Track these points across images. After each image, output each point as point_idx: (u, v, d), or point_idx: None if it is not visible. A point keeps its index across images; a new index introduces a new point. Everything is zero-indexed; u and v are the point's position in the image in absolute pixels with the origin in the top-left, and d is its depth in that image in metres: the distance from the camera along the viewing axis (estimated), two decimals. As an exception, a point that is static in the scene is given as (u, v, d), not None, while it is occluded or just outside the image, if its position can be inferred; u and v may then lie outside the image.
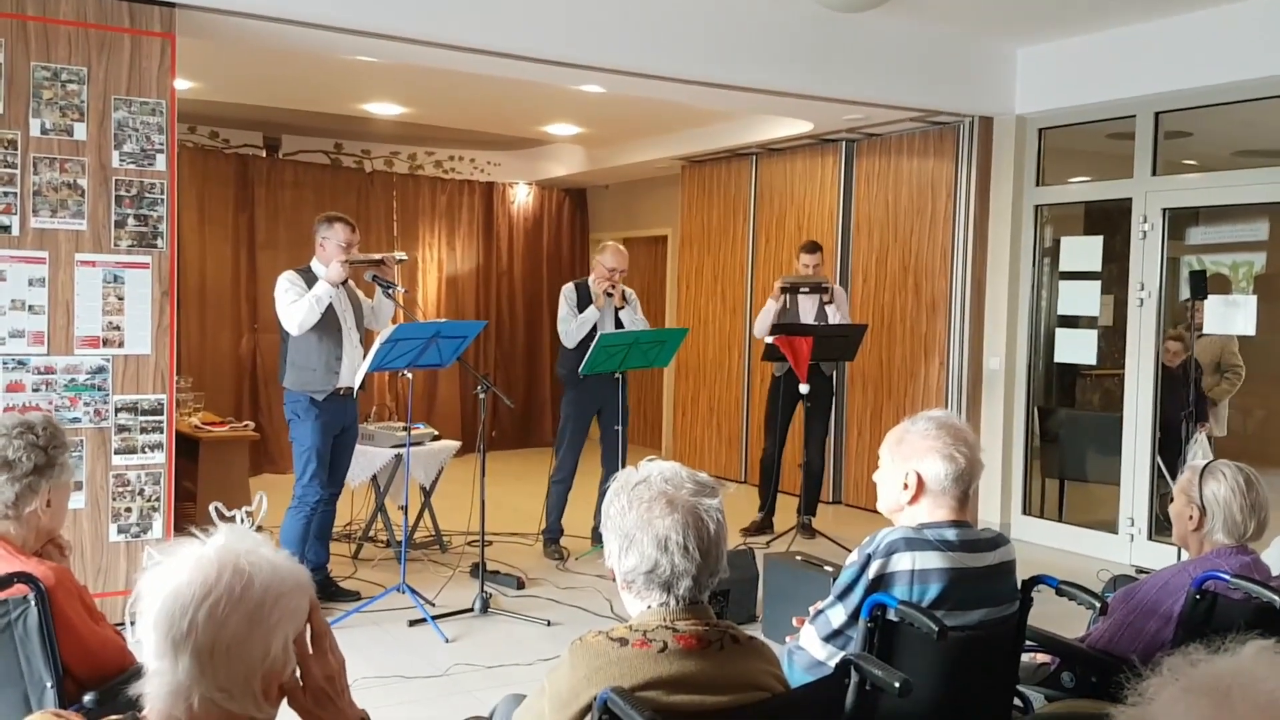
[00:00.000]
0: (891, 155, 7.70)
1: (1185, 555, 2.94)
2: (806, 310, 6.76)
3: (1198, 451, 6.06)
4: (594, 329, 6.07)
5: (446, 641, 4.75)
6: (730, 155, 8.89)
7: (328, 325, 5.10)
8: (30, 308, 4.56)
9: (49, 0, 4.53)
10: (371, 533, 6.32)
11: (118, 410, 4.73)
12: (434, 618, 4.91)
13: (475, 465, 5.35)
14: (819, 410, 6.83)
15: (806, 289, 6.72)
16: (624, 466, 2.34)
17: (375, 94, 7.73)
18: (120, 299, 4.72)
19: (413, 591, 5.07)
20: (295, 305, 5.01)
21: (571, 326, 6.15)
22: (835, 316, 6.72)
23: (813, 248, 6.81)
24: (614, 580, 1.84)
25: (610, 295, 6.12)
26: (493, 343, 10.47)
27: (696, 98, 6.63)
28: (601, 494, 5.92)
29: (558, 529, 6.26)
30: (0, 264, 4.51)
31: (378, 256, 5.34)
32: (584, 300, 6.19)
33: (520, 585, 5.58)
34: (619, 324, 6.15)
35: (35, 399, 4.55)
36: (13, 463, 2.34)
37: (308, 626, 1.49)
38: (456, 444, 6.65)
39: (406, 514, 5.53)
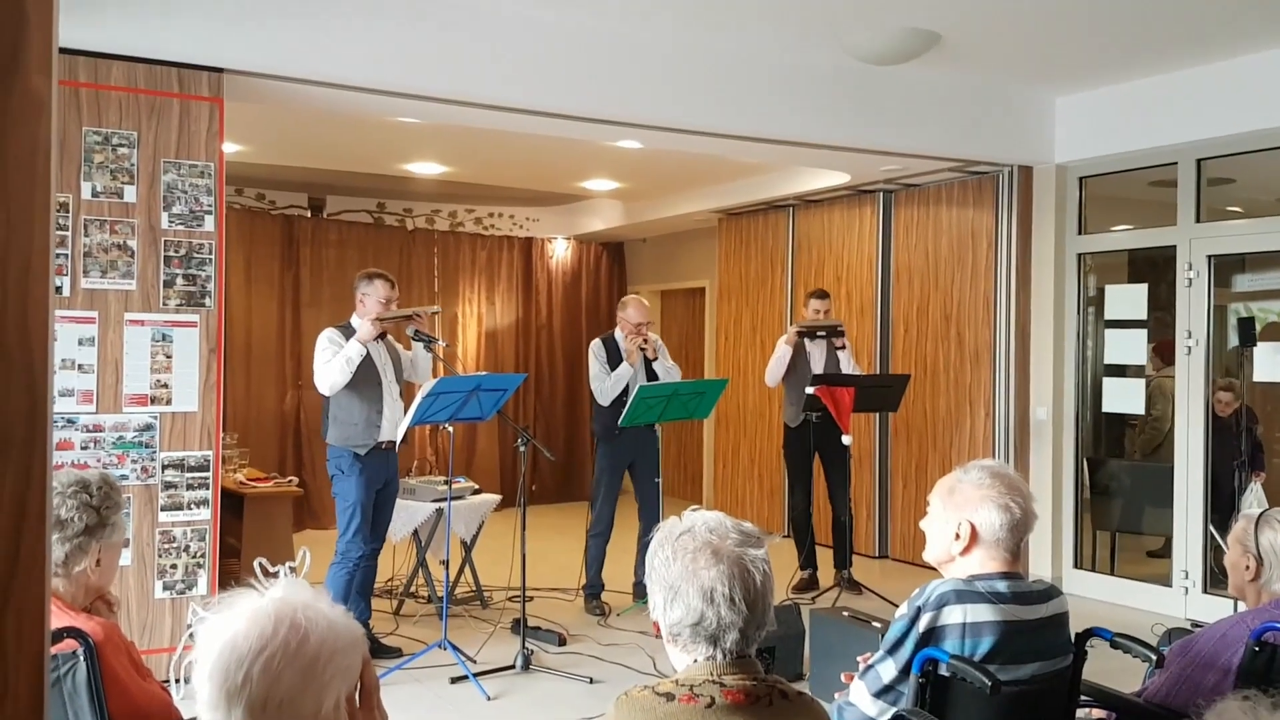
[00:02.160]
0: (930, 205, 7.70)
1: (1243, 606, 2.86)
2: (816, 358, 6.75)
3: (1253, 500, 5.92)
4: (626, 386, 6.08)
5: (489, 699, 4.71)
6: (767, 207, 8.92)
7: (368, 380, 5.16)
8: (80, 366, 4.64)
9: (100, 67, 4.67)
10: (413, 588, 6.31)
11: (164, 467, 4.78)
12: (476, 675, 4.87)
13: (516, 519, 5.34)
14: (838, 461, 6.74)
15: (822, 333, 6.71)
16: (662, 518, 2.32)
17: (417, 154, 7.86)
18: (168, 357, 4.80)
19: (454, 648, 5.05)
20: (327, 366, 5.08)
21: (606, 385, 6.14)
22: (849, 363, 6.69)
23: (821, 294, 6.87)
24: (658, 634, 1.82)
25: (643, 350, 6.12)
26: (532, 395, 10.51)
27: (733, 151, 6.68)
28: (642, 547, 5.90)
29: (598, 584, 6.21)
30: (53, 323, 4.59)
31: (409, 311, 5.38)
32: (612, 354, 6.18)
33: (562, 642, 5.53)
34: (652, 376, 6.14)
35: (84, 457, 4.61)
36: (65, 522, 2.36)
37: (358, 682, 1.48)
38: (497, 498, 6.65)
39: (448, 569, 5.52)
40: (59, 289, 4.60)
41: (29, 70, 0.78)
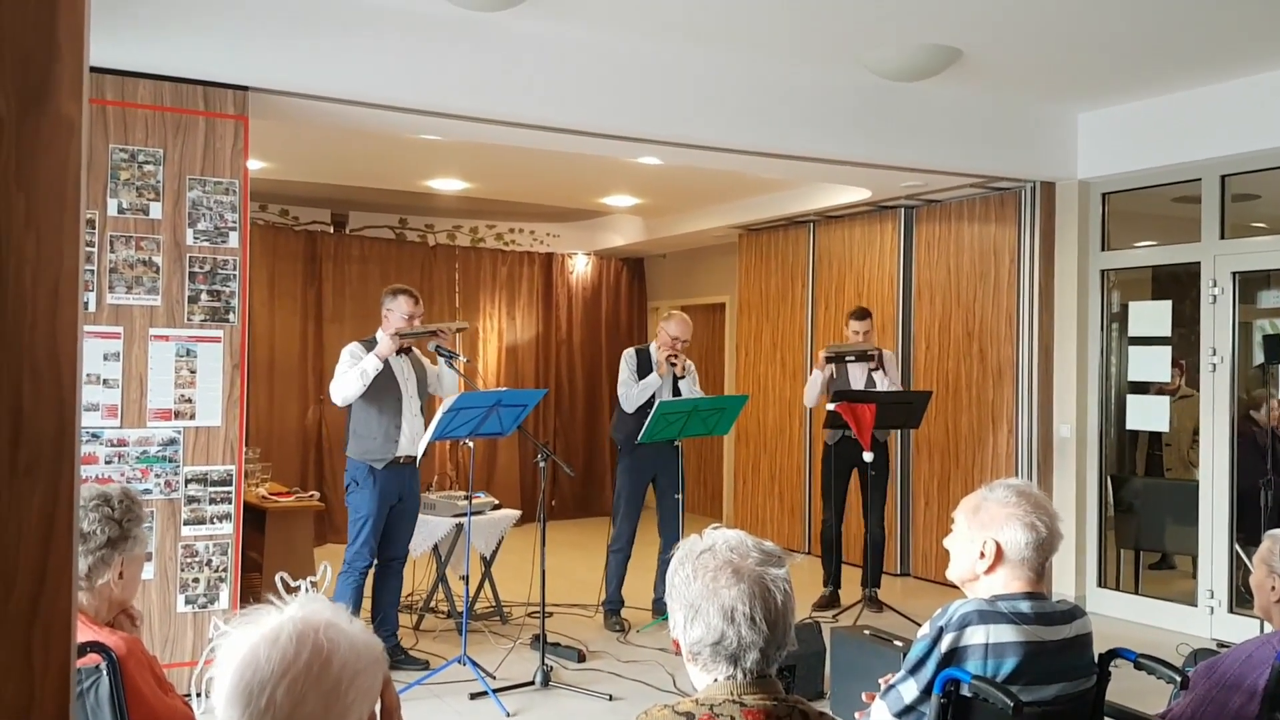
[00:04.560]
0: (952, 221, 7.68)
1: (1269, 627, 2.83)
2: (856, 378, 6.68)
3: None
4: (652, 396, 6.09)
5: (508, 716, 4.70)
6: (788, 223, 8.92)
7: (387, 395, 5.19)
8: (105, 381, 4.68)
9: (127, 85, 4.72)
10: (433, 603, 6.32)
11: (188, 481, 4.81)
12: (495, 691, 4.87)
13: (535, 535, 5.34)
14: (878, 479, 6.71)
15: (852, 357, 6.61)
16: (683, 535, 2.31)
17: (438, 170, 7.90)
18: (192, 372, 4.83)
19: (474, 664, 5.05)
20: (343, 377, 5.14)
21: (633, 391, 6.16)
22: (884, 383, 6.62)
23: (862, 314, 6.73)
24: (679, 652, 1.82)
25: (673, 364, 6.13)
26: (552, 411, 10.53)
27: (753, 167, 6.69)
28: (662, 564, 5.88)
29: (618, 600, 6.20)
30: (78, 339, 4.64)
31: (433, 328, 5.41)
32: (644, 366, 6.21)
33: (581, 658, 5.52)
34: (677, 393, 6.15)
35: (108, 471, 4.65)
36: (87, 535, 2.38)
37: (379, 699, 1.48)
38: (517, 513, 6.66)
39: (468, 584, 5.52)
40: (85, 305, 4.65)
41: (60, 96, 0.79)
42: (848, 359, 6.62)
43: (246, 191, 4.99)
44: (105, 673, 2.22)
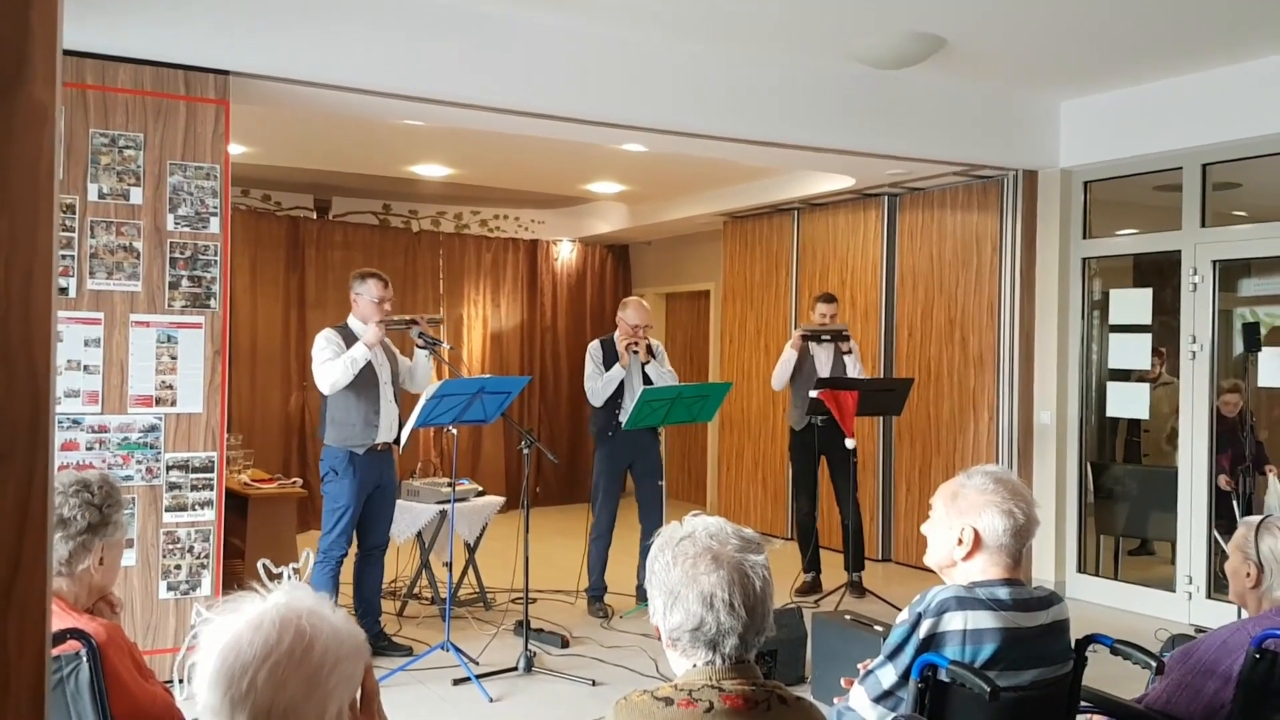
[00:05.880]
0: (934, 209, 7.70)
1: (1245, 613, 2.86)
2: (822, 361, 6.76)
3: (1274, 488, 5.91)
4: (621, 386, 6.10)
5: (491, 701, 4.72)
6: (772, 210, 8.93)
7: (366, 382, 5.18)
8: (85, 367, 4.66)
9: (108, 69, 4.69)
10: (416, 589, 6.32)
11: (169, 468, 4.80)
12: (478, 677, 4.88)
13: (519, 521, 5.35)
14: (841, 467, 6.72)
15: (827, 337, 6.70)
16: (664, 522, 2.32)
17: (422, 156, 7.87)
18: (173, 358, 4.81)
19: (457, 650, 5.06)
20: (329, 365, 5.11)
21: (598, 385, 6.18)
22: (854, 368, 6.69)
23: (829, 298, 6.85)
24: (659, 638, 1.83)
25: (636, 353, 6.12)
26: (537, 398, 10.53)
27: (738, 155, 6.69)
28: (643, 551, 5.90)
29: (600, 586, 6.22)
30: (57, 325, 4.61)
31: (410, 318, 5.40)
32: (609, 355, 6.21)
33: (564, 644, 5.54)
34: (646, 380, 6.15)
35: (89, 457, 4.63)
36: (67, 520, 2.37)
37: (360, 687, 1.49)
38: (500, 500, 6.66)
39: (451, 571, 5.53)
40: (65, 290, 4.62)
41: (34, 81, 0.79)
42: (823, 338, 6.70)
43: (228, 177, 4.96)
44: (85, 659, 2.22)
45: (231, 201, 5.17)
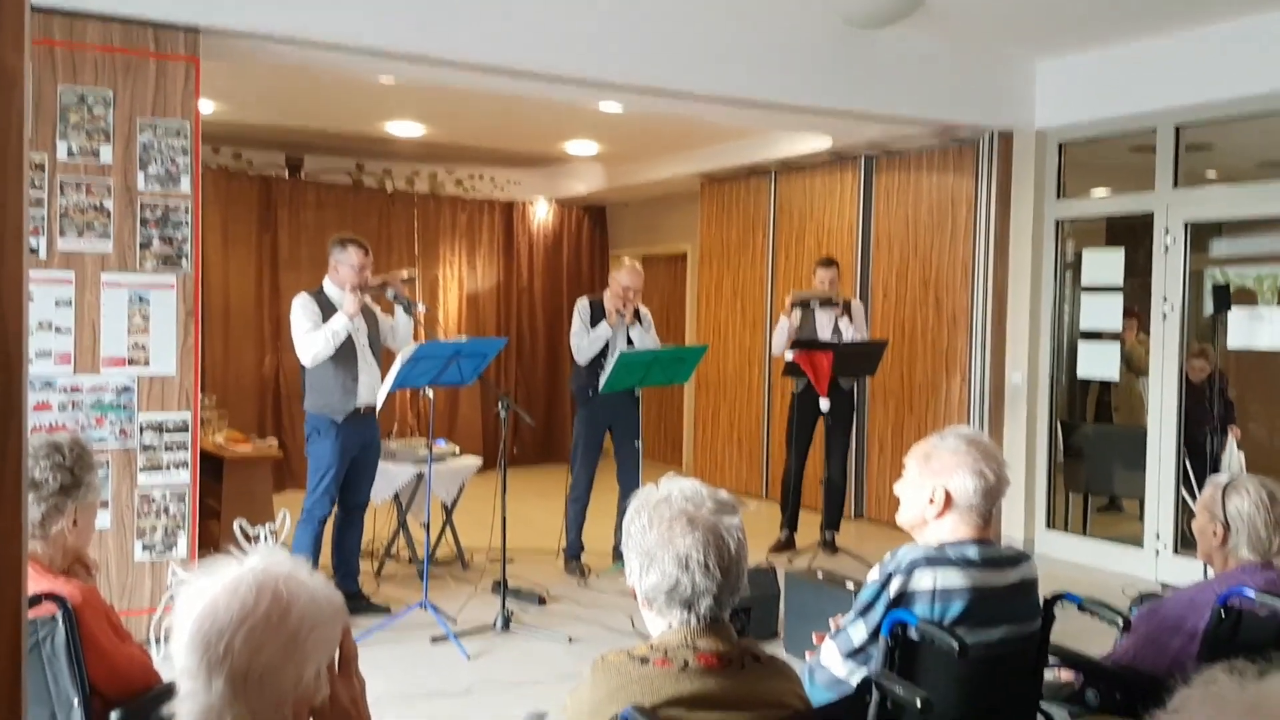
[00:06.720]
0: (911, 171, 7.70)
1: (1211, 572, 2.92)
2: (823, 325, 6.74)
3: (1232, 458, 6.01)
4: (606, 346, 6.10)
5: (468, 659, 4.75)
6: (749, 172, 8.91)
7: (342, 348, 5.15)
8: (57, 328, 4.62)
9: (75, 25, 4.60)
10: (394, 550, 6.34)
11: (143, 429, 4.77)
12: (456, 635, 4.92)
13: (496, 482, 5.37)
14: (840, 425, 6.79)
15: (817, 303, 6.71)
16: (641, 483, 2.34)
17: (396, 114, 7.79)
18: (145, 319, 4.77)
19: (435, 609, 5.09)
20: (310, 337, 5.07)
21: (584, 342, 6.16)
22: (849, 332, 6.69)
23: (828, 263, 6.82)
24: (635, 598, 1.85)
25: (622, 315, 6.12)
26: (513, 360, 10.51)
27: (715, 114, 6.65)
28: (621, 512, 5.93)
29: (578, 546, 6.26)
30: (29, 285, 4.56)
31: (383, 279, 5.36)
32: (597, 315, 6.20)
33: (542, 602, 5.58)
34: (630, 342, 6.15)
35: (62, 418, 4.60)
36: (39, 483, 2.37)
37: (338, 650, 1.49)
38: (478, 461, 6.67)
39: (429, 531, 5.54)
40: (35, 250, 4.56)
41: (3, 47, 0.78)
42: (813, 304, 6.69)
43: (198, 134, 4.89)
44: (61, 622, 2.22)
45: (202, 160, 5.10)
